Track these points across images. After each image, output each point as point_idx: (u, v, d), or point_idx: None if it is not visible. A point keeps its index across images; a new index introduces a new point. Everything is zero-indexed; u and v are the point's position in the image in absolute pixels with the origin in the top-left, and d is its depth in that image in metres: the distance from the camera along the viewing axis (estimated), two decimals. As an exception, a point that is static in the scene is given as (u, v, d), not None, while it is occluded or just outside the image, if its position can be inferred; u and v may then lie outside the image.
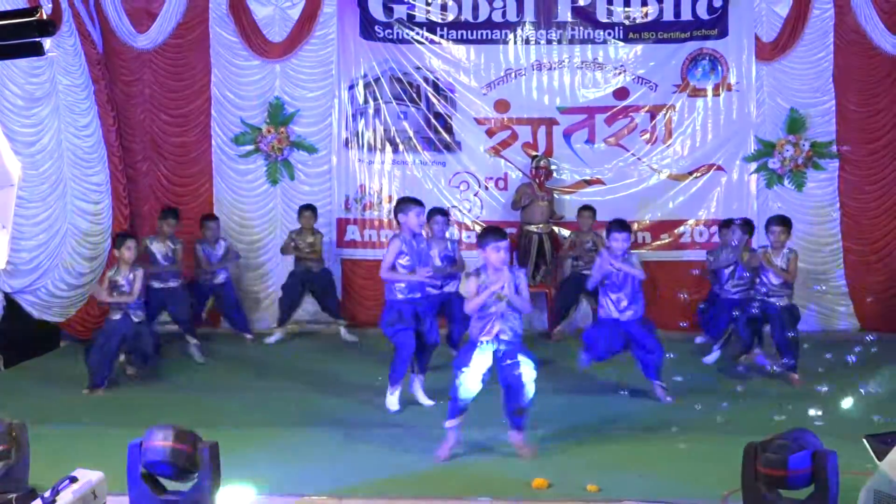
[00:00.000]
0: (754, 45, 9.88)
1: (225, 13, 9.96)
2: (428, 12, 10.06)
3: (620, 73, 10.04)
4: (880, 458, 4.06)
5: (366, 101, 10.16)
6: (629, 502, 4.74)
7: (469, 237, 10.12)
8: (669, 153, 10.08)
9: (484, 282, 5.51)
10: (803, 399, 7.07)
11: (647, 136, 10.06)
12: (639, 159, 10.08)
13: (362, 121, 10.18)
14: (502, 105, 10.13)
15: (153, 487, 4.12)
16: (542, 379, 5.96)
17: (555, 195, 9.93)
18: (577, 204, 10.00)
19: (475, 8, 10.05)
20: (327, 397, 7.17)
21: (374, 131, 10.18)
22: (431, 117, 10.16)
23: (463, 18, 10.07)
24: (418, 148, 10.16)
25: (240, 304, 9.64)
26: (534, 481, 5.02)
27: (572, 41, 10.05)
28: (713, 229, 9.80)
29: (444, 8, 10.06)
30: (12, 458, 4.47)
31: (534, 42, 10.05)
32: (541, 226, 9.71)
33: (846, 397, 6.88)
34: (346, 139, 10.19)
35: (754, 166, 9.97)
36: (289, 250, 9.50)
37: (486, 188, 10.16)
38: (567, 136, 10.12)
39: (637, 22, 9.98)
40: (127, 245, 7.46)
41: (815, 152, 9.80)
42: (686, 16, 9.92)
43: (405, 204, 6.84)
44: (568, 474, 5.17)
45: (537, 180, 9.75)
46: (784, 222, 7.58)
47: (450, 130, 10.17)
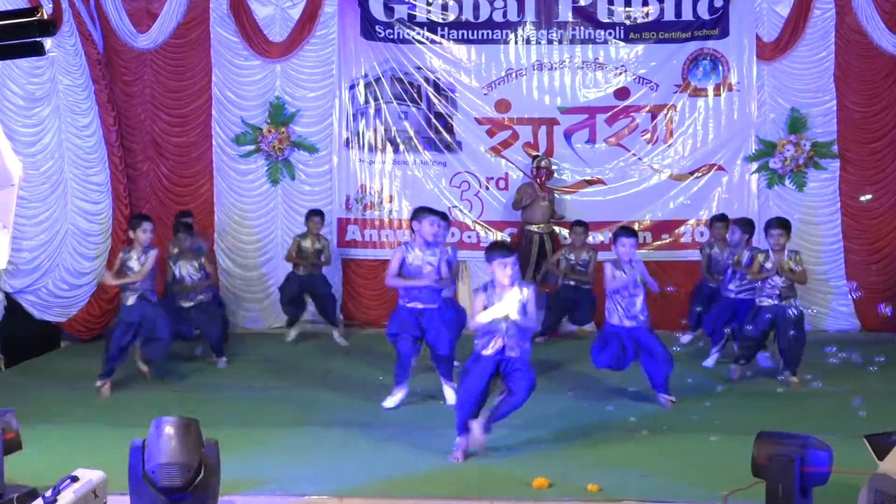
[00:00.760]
0: (755, 45, 9.87)
1: (226, 13, 9.96)
2: (429, 12, 10.06)
3: (621, 73, 10.05)
4: (880, 458, 4.06)
5: (366, 101, 10.17)
6: (629, 502, 4.74)
7: (470, 237, 10.13)
8: (670, 153, 10.08)
9: (490, 297, 5.49)
10: (802, 399, 7.08)
11: (648, 136, 10.07)
12: (640, 159, 10.09)
13: (363, 121, 10.18)
14: (503, 105, 10.13)
15: (154, 488, 4.11)
16: (542, 379, 5.96)
17: (556, 195, 9.93)
18: (578, 204, 10.02)
19: (476, 8, 10.06)
20: (327, 397, 7.16)
21: (375, 131, 10.18)
22: (432, 117, 10.16)
23: (464, 18, 10.07)
24: (419, 148, 10.16)
25: (223, 332, 8.63)
26: (534, 481, 5.02)
27: (573, 41, 10.05)
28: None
29: (444, 8, 10.06)
30: None
31: (534, 42, 10.05)
32: (542, 226, 9.72)
33: (845, 397, 6.89)
34: (347, 139, 10.19)
35: (755, 166, 9.97)
36: (292, 258, 9.25)
37: (487, 188, 10.16)
38: (568, 136, 10.12)
39: (638, 22, 9.98)
40: (143, 227, 7.30)
41: (816, 152, 9.80)
42: (687, 16, 9.92)
43: (421, 213, 6.85)
44: (568, 474, 5.16)
45: (538, 180, 9.75)
46: (784, 224, 7.44)
47: (450, 130, 10.17)
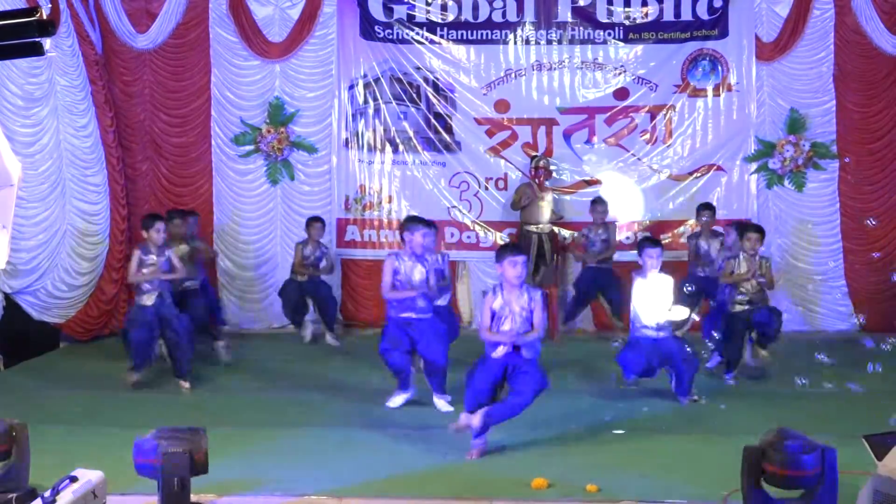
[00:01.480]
0: (754, 46, 9.87)
1: (225, 13, 9.96)
2: (428, 12, 10.06)
3: (620, 74, 10.04)
4: (879, 458, 4.06)
5: (366, 102, 10.16)
6: (628, 502, 4.74)
7: (469, 237, 10.13)
8: (669, 153, 10.07)
9: (500, 298, 5.58)
10: (801, 399, 7.08)
11: (647, 136, 10.06)
12: (639, 159, 10.08)
13: (362, 121, 10.18)
14: (502, 105, 10.12)
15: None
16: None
17: (554, 195, 9.93)
18: (578, 204, 10.02)
19: (475, 8, 10.05)
20: (327, 397, 7.16)
21: (374, 131, 10.17)
22: (431, 117, 10.15)
23: (463, 18, 10.06)
24: (418, 148, 10.16)
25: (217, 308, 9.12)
26: (533, 481, 5.02)
27: (572, 41, 10.04)
28: (713, 229, 9.79)
29: (444, 8, 10.06)
30: (12, 458, 4.46)
31: (534, 42, 10.04)
32: (540, 226, 9.71)
33: (844, 398, 6.90)
34: (346, 139, 10.18)
35: (754, 167, 9.97)
36: (298, 267, 9.17)
37: (486, 188, 10.15)
38: (567, 136, 10.11)
39: (637, 22, 9.97)
40: (156, 227, 7.36)
41: (816, 152, 9.80)
42: (686, 16, 9.92)
43: (413, 223, 6.85)
44: (568, 474, 5.17)
45: (537, 180, 9.74)
46: (761, 230, 7.78)
47: (450, 131, 10.16)
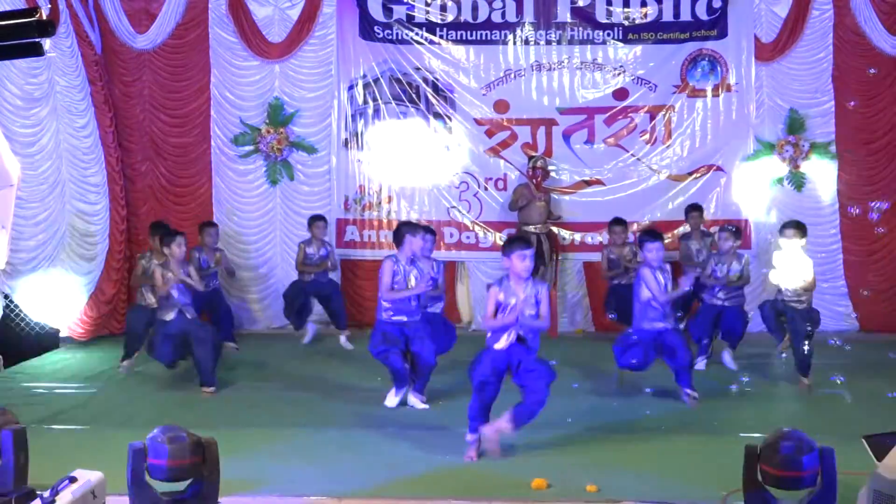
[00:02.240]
0: (753, 46, 9.88)
1: (224, 13, 9.96)
2: (427, 13, 10.06)
3: (620, 74, 10.05)
4: (879, 459, 4.07)
5: (365, 102, 10.16)
6: (628, 503, 4.74)
7: (468, 238, 10.13)
8: (669, 154, 10.08)
9: (505, 292, 5.55)
10: (800, 400, 7.09)
11: (647, 136, 10.07)
12: (638, 160, 10.08)
13: (362, 121, 10.18)
14: (502, 106, 10.13)
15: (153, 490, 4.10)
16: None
17: (552, 195, 9.93)
18: (577, 205, 10.03)
19: (474, 8, 10.05)
20: (327, 398, 7.17)
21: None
22: (431, 118, 10.16)
23: (462, 19, 10.06)
24: (418, 148, 10.16)
25: (230, 314, 9.23)
26: (533, 482, 5.02)
27: (572, 42, 10.05)
28: (713, 229, 9.79)
29: (443, 8, 10.06)
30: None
31: (533, 43, 10.05)
32: (539, 226, 9.71)
33: (844, 398, 6.90)
34: (346, 139, 10.19)
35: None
36: (301, 266, 9.20)
37: (486, 189, 10.15)
38: (566, 136, 10.12)
39: (636, 22, 9.98)
40: (177, 242, 7.29)
41: (815, 153, 9.81)
42: (685, 16, 9.92)
43: (417, 229, 6.94)
44: (567, 475, 5.17)
45: (534, 181, 9.75)
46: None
47: (449, 131, 10.16)
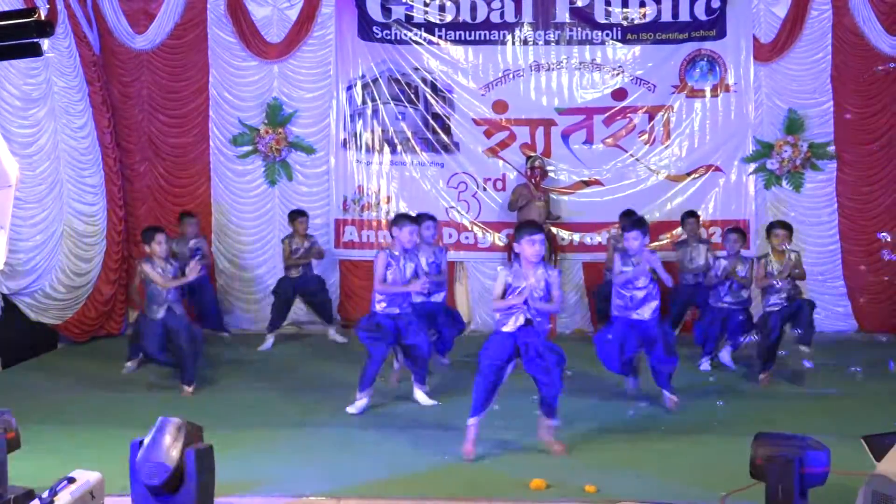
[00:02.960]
0: (752, 46, 9.87)
1: (223, 14, 9.95)
2: (426, 13, 10.05)
3: (618, 74, 10.05)
4: (878, 459, 4.07)
5: (364, 102, 10.16)
6: (628, 503, 4.73)
7: (467, 238, 10.13)
8: (668, 154, 10.08)
9: (515, 275, 5.54)
10: (800, 400, 7.09)
11: (646, 136, 10.06)
12: (637, 160, 10.08)
13: (360, 121, 10.17)
14: (500, 106, 10.12)
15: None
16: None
17: (551, 196, 9.93)
18: (576, 205, 10.02)
19: (473, 9, 10.05)
20: (326, 397, 7.16)
21: (373, 132, 10.17)
22: (429, 118, 10.15)
23: (461, 19, 10.06)
24: (416, 149, 10.15)
25: (216, 302, 9.53)
26: (532, 482, 5.02)
27: (570, 42, 10.05)
28: (712, 230, 9.82)
29: (442, 9, 10.06)
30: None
31: (532, 43, 10.05)
32: (538, 226, 9.69)
33: (843, 398, 6.91)
34: (345, 140, 10.18)
35: (752, 167, 9.96)
36: (289, 260, 9.26)
37: (485, 189, 10.15)
38: (565, 136, 10.11)
39: (635, 23, 9.97)
40: (157, 239, 7.31)
41: (814, 153, 9.81)
42: (684, 17, 9.92)
43: (400, 220, 6.93)
44: (566, 475, 5.17)
45: (533, 181, 9.74)
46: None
47: (448, 131, 10.15)
